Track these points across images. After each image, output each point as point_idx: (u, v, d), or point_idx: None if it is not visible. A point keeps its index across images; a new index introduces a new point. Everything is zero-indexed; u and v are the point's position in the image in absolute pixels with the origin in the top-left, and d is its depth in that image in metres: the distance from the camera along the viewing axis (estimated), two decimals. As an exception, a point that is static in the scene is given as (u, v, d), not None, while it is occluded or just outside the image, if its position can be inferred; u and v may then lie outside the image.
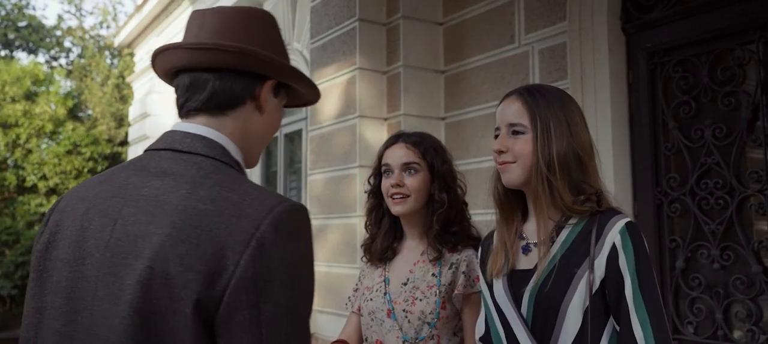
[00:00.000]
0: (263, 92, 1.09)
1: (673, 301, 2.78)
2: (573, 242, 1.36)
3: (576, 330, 1.31)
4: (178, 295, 0.89)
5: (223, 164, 1.03)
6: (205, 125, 1.06)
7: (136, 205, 0.96)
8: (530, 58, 3.37)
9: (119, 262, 0.93)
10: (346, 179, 4.00)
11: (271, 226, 0.91)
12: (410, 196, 1.83)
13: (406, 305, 1.81)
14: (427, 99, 3.89)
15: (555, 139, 1.37)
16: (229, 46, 1.04)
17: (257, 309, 0.88)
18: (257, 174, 6.63)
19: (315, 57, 4.39)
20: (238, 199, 0.94)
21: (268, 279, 0.89)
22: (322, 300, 4.20)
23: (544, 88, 1.47)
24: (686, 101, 2.78)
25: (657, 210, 2.86)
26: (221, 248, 0.90)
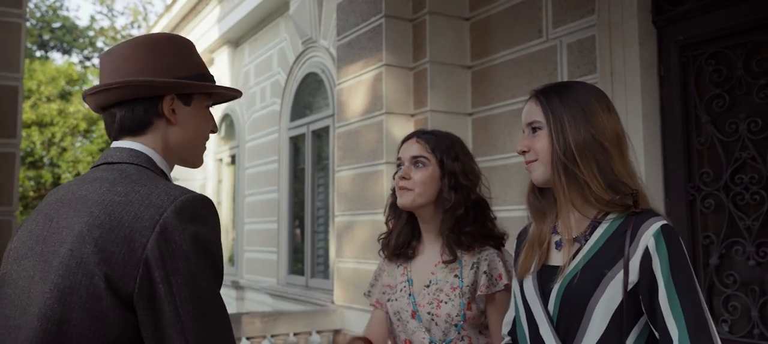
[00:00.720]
0: (164, 109, 1.25)
1: (707, 299, 2.72)
2: (606, 242, 1.34)
3: (601, 332, 1.29)
4: (92, 271, 1.06)
5: (145, 169, 1.21)
6: (131, 141, 1.26)
7: (69, 205, 1.15)
8: (558, 52, 3.33)
9: (49, 250, 1.12)
10: (373, 176, 4.01)
11: (173, 212, 1.08)
12: (414, 190, 1.82)
13: (431, 308, 1.80)
14: (453, 95, 3.87)
15: (569, 127, 1.36)
16: (112, 85, 1.22)
17: (169, 281, 1.06)
18: (286, 172, 6.68)
19: (341, 54, 4.40)
20: (147, 192, 1.12)
21: (173, 256, 1.07)
22: (349, 296, 4.22)
23: (561, 84, 1.47)
24: (720, 94, 2.72)
25: (690, 206, 2.80)
26: (130, 232, 1.07)
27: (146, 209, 1.08)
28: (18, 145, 2.80)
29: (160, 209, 1.08)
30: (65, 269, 1.07)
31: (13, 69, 2.78)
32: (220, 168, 8.73)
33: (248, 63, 7.77)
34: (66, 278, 1.07)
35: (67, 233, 1.10)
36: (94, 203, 1.11)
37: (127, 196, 1.11)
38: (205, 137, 1.35)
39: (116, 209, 1.09)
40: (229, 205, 8.50)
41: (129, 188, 1.12)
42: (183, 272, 1.06)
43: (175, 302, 1.06)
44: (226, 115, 8.47)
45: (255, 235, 7.36)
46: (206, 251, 1.11)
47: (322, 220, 6.05)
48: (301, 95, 6.52)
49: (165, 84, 1.24)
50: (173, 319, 1.06)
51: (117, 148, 1.25)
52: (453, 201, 1.81)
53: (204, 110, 1.33)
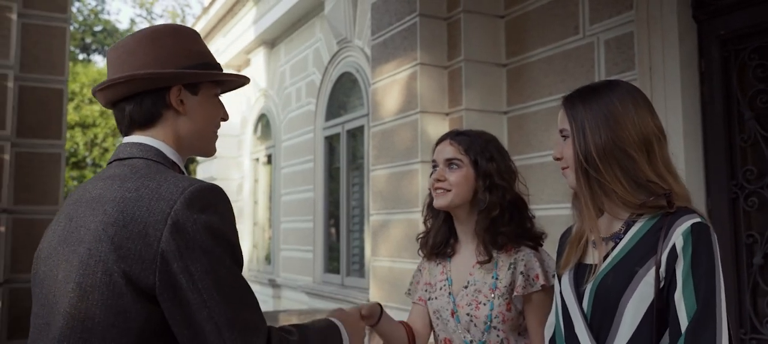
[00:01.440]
0: (172, 100, 1.26)
1: (751, 299, 2.66)
2: (639, 241, 1.32)
3: (632, 329, 1.28)
4: (111, 269, 1.09)
5: (155, 162, 1.22)
6: (141, 135, 1.27)
7: (86, 205, 1.17)
8: (595, 49, 3.28)
9: (70, 250, 1.14)
10: (408, 175, 4.01)
11: (183, 204, 1.10)
12: (451, 191, 1.83)
13: (470, 309, 1.81)
14: (488, 93, 3.85)
15: (591, 134, 1.36)
16: (118, 79, 1.23)
17: (189, 271, 1.08)
18: (321, 171, 6.73)
19: (376, 54, 4.42)
20: (156, 185, 1.13)
21: (189, 247, 1.08)
22: (385, 295, 4.23)
23: (589, 87, 1.46)
24: (764, 89, 2.65)
25: (732, 204, 2.74)
26: (144, 227, 1.09)
27: (157, 203, 1.10)
28: (63, 146, 2.89)
29: (170, 201, 1.10)
30: (85, 268, 1.11)
31: (58, 72, 2.87)
32: (257, 168, 8.84)
33: (284, 63, 7.85)
34: (86, 276, 1.10)
35: (85, 232, 1.13)
36: (107, 201, 1.13)
37: (137, 191, 1.13)
38: (215, 126, 1.36)
39: (128, 206, 1.11)
40: (266, 204, 8.60)
41: (139, 184, 1.14)
42: (201, 261, 1.08)
43: (198, 290, 1.08)
44: (263, 115, 8.58)
45: (291, 234, 7.44)
46: (220, 237, 1.12)
47: (357, 219, 6.08)
48: (336, 94, 6.56)
49: (170, 75, 1.25)
50: (200, 305, 1.08)
51: (127, 144, 1.26)
52: (488, 202, 1.81)
53: (213, 99, 1.34)
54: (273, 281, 7.70)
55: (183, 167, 1.30)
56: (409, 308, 2.06)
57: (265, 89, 8.39)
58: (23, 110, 2.82)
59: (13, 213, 2.99)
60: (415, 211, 3.91)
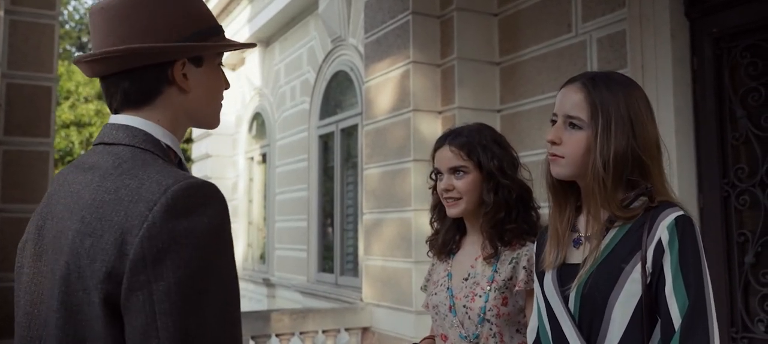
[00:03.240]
0: (176, 75, 1.10)
1: (742, 298, 2.65)
2: (623, 238, 1.31)
3: (623, 328, 1.26)
4: (88, 287, 0.94)
5: (142, 151, 1.05)
6: (131, 115, 1.10)
7: (64, 202, 1.03)
8: (588, 47, 3.27)
9: (53, 259, 1.00)
10: (400, 173, 4.00)
11: (163, 206, 0.93)
12: (462, 198, 1.81)
13: (466, 301, 1.80)
14: (481, 91, 3.84)
15: (615, 138, 1.29)
16: (114, 52, 1.05)
17: (150, 288, 0.90)
18: (315, 170, 6.72)
19: (369, 52, 4.40)
20: (137, 185, 0.97)
21: (158, 258, 0.90)
22: (377, 294, 4.22)
23: (611, 78, 1.37)
24: (755, 87, 2.64)
25: (724, 203, 2.73)
26: (121, 235, 0.93)
27: (136, 205, 0.94)
28: (52, 144, 2.86)
29: (150, 203, 0.94)
30: (67, 285, 0.97)
31: (47, 69, 2.84)
32: (252, 166, 8.82)
33: (279, 62, 7.83)
34: (69, 294, 0.97)
35: (64, 240, 0.99)
36: (84, 206, 0.99)
37: (116, 192, 0.97)
38: (220, 97, 1.21)
39: (106, 211, 0.96)
40: (261, 203, 8.58)
41: (119, 183, 0.98)
42: (168, 279, 0.90)
43: (153, 312, 0.90)
44: (257, 114, 8.55)
45: (285, 233, 7.42)
46: (204, 251, 0.94)
47: (351, 218, 6.07)
48: (331, 93, 6.54)
49: (175, 49, 1.09)
50: (146, 334, 0.90)
51: (114, 125, 1.09)
52: (493, 203, 1.79)
53: (216, 69, 1.18)
54: (267, 280, 7.68)
55: (179, 150, 1.15)
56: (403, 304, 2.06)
57: (260, 87, 8.36)
58: (11, 108, 2.80)
59: (1, 212, 2.97)
60: (408, 210, 3.90)
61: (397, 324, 3.91)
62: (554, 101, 1.42)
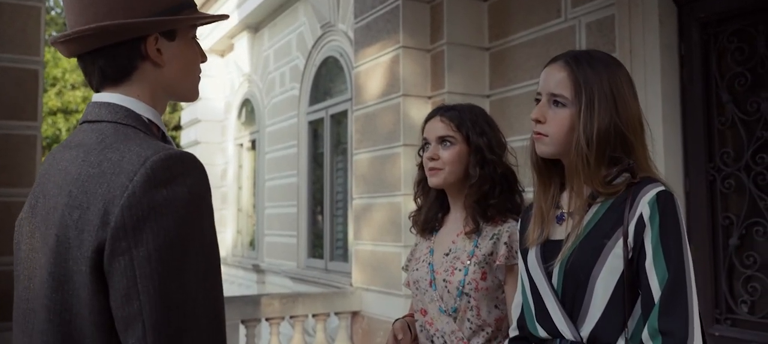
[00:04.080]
0: (149, 50, 1.12)
1: (727, 280, 2.69)
2: (606, 213, 1.32)
3: (605, 302, 1.28)
4: (76, 257, 0.98)
5: (124, 126, 1.09)
6: (112, 92, 1.13)
7: (53, 180, 1.07)
8: (577, 32, 3.28)
9: (47, 233, 1.04)
10: (390, 158, 4.01)
11: (143, 176, 0.97)
12: (445, 169, 1.83)
13: (446, 275, 1.83)
14: (471, 77, 3.85)
15: (598, 115, 1.30)
16: (85, 31, 1.07)
17: (130, 254, 0.94)
18: (305, 156, 6.71)
19: (359, 37, 4.39)
20: (118, 157, 1.00)
21: (138, 226, 0.94)
22: (367, 278, 4.24)
23: (594, 56, 1.38)
24: (742, 72, 2.66)
25: (710, 186, 2.76)
26: (104, 206, 0.97)
27: (117, 177, 0.98)
28: (39, 128, 2.85)
29: (130, 174, 0.97)
30: (56, 256, 1.01)
31: (33, 52, 2.82)
32: (241, 153, 8.79)
33: (268, 48, 7.80)
34: (58, 265, 1.01)
35: (54, 214, 1.03)
36: (71, 181, 1.03)
37: (99, 166, 1.01)
38: (197, 69, 1.23)
39: (91, 185, 1.00)
40: (250, 190, 8.57)
41: (102, 157, 1.02)
42: (148, 245, 0.94)
43: (134, 277, 0.94)
44: (247, 100, 8.52)
45: (275, 219, 7.42)
46: (183, 219, 0.97)
47: (341, 204, 6.07)
48: (320, 79, 6.53)
49: (145, 24, 1.10)
50: (128, 297, 0.95)
51: (96, 103, 1.13)
52: (478, 177, 1.82)
53: (191, 43, 1.20)
54: (257, 266, 7.68)
55: (161, 124, 1.18)
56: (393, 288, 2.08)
57: (249, 73, 8.33)
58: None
59: (-12, 196, 2.95)
60: (397, 194, 3.91)
61: (386, 308, 3.93)
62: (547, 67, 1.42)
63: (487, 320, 1.80)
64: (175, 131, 14.51)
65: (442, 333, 1.82)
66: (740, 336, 2.60)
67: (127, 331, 0.95)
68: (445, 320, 1.81)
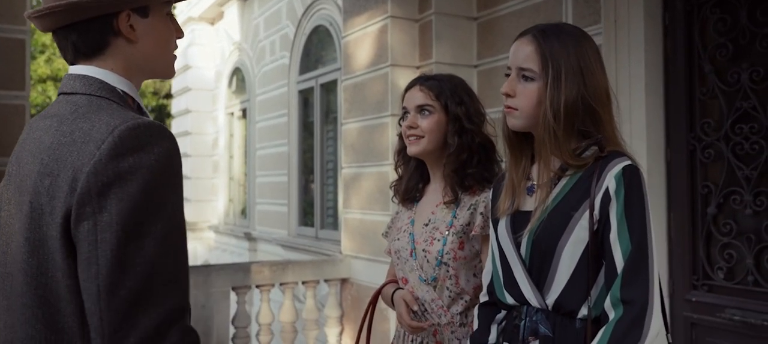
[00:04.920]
0: (121, 26, 1.13)
1: (704, 247, 2.75)
2: (574, 186, 1.36)
3: (570, 272, 1.33)
4: (48, 222, 1.02)
5: (97, 98, 1.11)
6: (87, 65, 1.15)
7: (28, 148, 1.10)
8: (563, 2, 3.30)
9: (22, 200, 1.07)
10: (379, 128, 4.04)
11: (110, 144, 0.99)
12: (424, 137, 1.87)
13: (425, 245, 1.87)
14: (459, 46, 3.86)
15: (565, 87, 1.33)
16: (56, 7, 1.09)
17: (94, 219, 0.97)
18: (295, 125, 6.72)
19: (347, 6, 4.39)
20: (89, 127, 1.03)
21: (103, 192, 0.97)
22: (356, 246, 4.30)
23: (562, 29, 1.41)
24: (724, 43, 2.70)
25: (690, 156, 2.81)
26: (74, 173, 1.00)
27: (86, 146, 1.01)
28: (27, 97, 2.86)
29: (99, 142, 1.00)
30: (30, 221, 1.04)
31: (20, 22, 2.82)
32: (232, 122, 8.79)
33: (258, 16, 7.75)
34: (33, 231, 1.04)
35: (28, 181, 1.06)
36: (44, 149, 1.06)
37: (71, 135, 1.04)
38: (172, 46, 1.24)
39: (62, 152, 1.03)
40: (241, 159, 8.59)
41: (74, 126, 1.05)
42: (111, 211, 0.97)
43: (95, 241, 0.97)
44: (237, 69, 8.49)
45: (266, 188, 7.46)
46: (149, 185, 1.00)
47: (331, 172, 6.11)
48: (310, 48, 6.51)
49: (116, 0, 1.10)
50: (89, 261, 0.98)
51: (71, 75, 1.15)
52: (456, 145, 1.85)
53: (164, 19, 1.20)
54: (249, 234, 7.74)
55: (137, 96, 1.20)
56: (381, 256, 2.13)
57: (239, 42, 8.28)
58: (-16, 61, 2.78)
59: (-22, 165, 2.97)
60: (385, 164, 3.95)
61: (374, 275, 4.00)
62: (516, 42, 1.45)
63: (465, 288, 1.86)
64: (166, 99, 14.43)
65: (423, 300, 1.87)
66: (716, 301, 2.68)
67: (86, 293, 0.98)
68: (425, 288, 1.87)
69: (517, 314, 1.42)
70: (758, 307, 2.53)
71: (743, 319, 2.55)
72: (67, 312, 1.02)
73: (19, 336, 1.06)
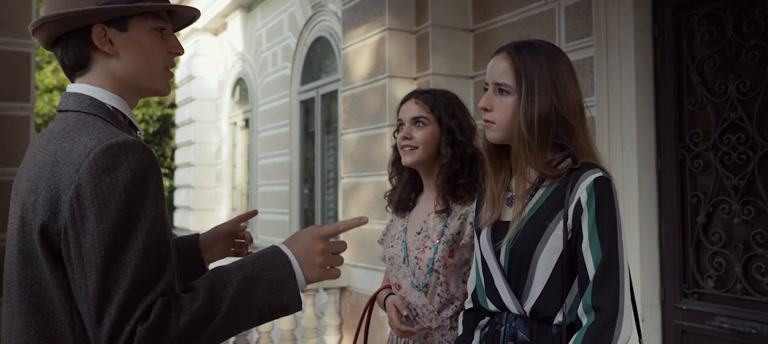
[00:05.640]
0: (96, 39, 1.16)
1: (694, 256, 2.80)
2: (549, 197, 1.42)
3: (545, 279, 1.39)
4: (33, 237, 1.08)
5: (86, 115, 1.14)
6: (80, 82, 1.20)
7: (26, 165, 1.15)
8: (556, 15, 3.36)
9: (14, 213, 1.14)
10: (377, 138, 4.10)
11: (87, 167, 1.04)
12: (418, 148, 1.94)
13: (417, 252, 1.94)
14: (455, 58, 3.93)
15: (538, 101, 1.39)
16: (36, 23, 1.14)
17: (78, 241, 1.03)
18: (297, 135, 6.79)
19: (346, 18, 4.46)
20: (70, 147, 1.07)
21: (83, 215, 1.02)
22: (354, 255, 4.35)
23: (535, 45, 1.47)
24: (711, 55, 2.75)
25: (680, 165, 2.86)
26: (56, 193, 1.05)
27: (66, 167, 1.05)
28: (32, 109, 2.93)
29: (77, 165, 1.04)
30: (23, 235, 1.10)
31: (25, 36, 2.90)
32: (235, 132, 8.87)
33: (260, 27, 7.84)
34: (25, 244, 1.10)
35: (21, 196, 1.12)
36: (33, 166, 1.11)
37: (55, 155, 1.08)
38: (159, 63, 1.23)
39: (44, 172, 1.08)
40: (244, 168, 8.66)
41: (58, 146, 1.09)
42: (92, 232, 1.02)
43: (82, 262, 1.02)
44: (240, 79, 8.58)
45: (269, 197, 7.53)
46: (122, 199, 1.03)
47: (331, 182, 6.18)
48: (311, 59, 6.59)
49: (78, 14, 1.12)
50: (79, 283, 1.03)
51: (67, 94, 1.19)
52: (449, 156, 1.93)
53: (149, 33, 1.20)
54: (251, 243, 7.80)
55: (128, 112, 1.22)
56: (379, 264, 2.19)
57: (242, 53, 8.38)
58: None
59: (-16, 175, 3.04)
60: (383, 173, 4.00)
61: (372, 283, 4.05)
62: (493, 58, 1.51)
63: (455, 294, 1.92)
64: (170, 108, 14.54)
65: (415, 306, 1.94)
66: (706, 310, 2.72)
67: (82, 311, 1.05)
68: (417, 294, 1.93)
69: (498, 320, 1.48)
70: (746, 315, 2.57)
71: (732, 327, 2.60)
72: (58, 319, 1.08)
73: (16, 341, 1.12)
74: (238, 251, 1.56)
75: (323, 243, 1.21)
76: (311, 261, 1.19)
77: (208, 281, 1.09)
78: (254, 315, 1.11)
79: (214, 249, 1.51)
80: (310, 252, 1.19)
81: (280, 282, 1.14)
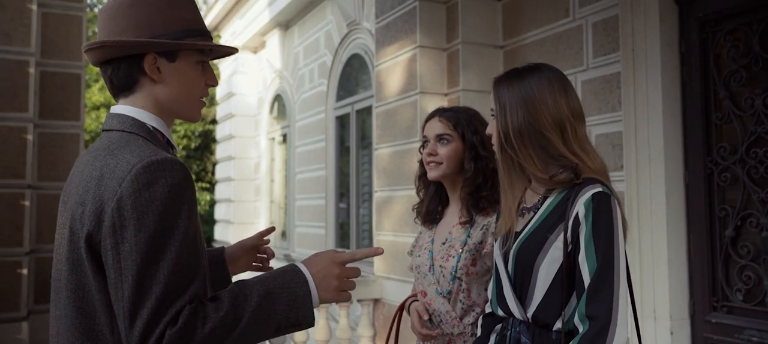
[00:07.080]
0: (147, 67, 1.28)
1: (723, 269, 2.81)
2: (552, 210, 1.51)
3: (546, 287, 1.48)
4: (79, 245, 1.18)
5: (129, 134, 1.26)
6: (123, 104, 1.31)
7: (74, 179, 1.26)
8: (584, 31, 3.41)
9: (64, 223, 1.24)
10: (409, 153, 4.19)
11: (129, 182, 1.14)
12: (443, 163, 2.04)
13: (442, 261, 2.04)
14: (485, 74, 4.00)
15: (510, 117, 1.51)
16: (93, 45, 1.25)
17: (117, 248, 1.13)
18: (332, 150, 6.94)
19: (379, 36, 4.58)
20: (114, 163, 1.18)
21: (123, 225, 1.12)
22: (387, 267, 4.44)
23: (520, 71, 1.60)
24: (737, 69, 2.77)
25: (708, 179, 2.88)
26: (101, 205, 1.15)
27: (111, 181, 1.15)
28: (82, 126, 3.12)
29: (121, 179, 1.14)
30: (70, 244, 1.20)
31: (76, 58, 3.09)
32: (273, 147, 9.07)
33: (298, 45, 8.04)
34: (72, 251, 1.20)
35: (69, 208, 1.22)
36: (81, 181, 1.21)
37: (101, 170, 1.18)
38: (197, 93, 1.36)
39: (91, 185, 1.18)
40: (282, 182, 8.85)
41: (103, 162, 1.19)
42: (130, 241, 1.11)
43: (119, 268, 1.12)
44: (278, 95, 8.79)
45: (305, 211, 7.68)
46: (159, 212, 1.12)
47: (366, 195, 6.29)
48: (346, 75, 6.74)
49: (140, 44, 1.24)
50: (116, 287, 1.12)
51: (111, 114, 1.31)
52: (472, 171, 2.03)
53: (193, 66, 1.33)
54: (288, 256, 7.96)
55: (167, 132, 1.33)
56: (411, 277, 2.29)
57: (280, 70, 8.59)
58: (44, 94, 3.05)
59: (37, 189, 3.24)
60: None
61: (405, 295, 4.11)
62: None
63: (476, 301, 2.00)
64: (211, 124, 14.91)
65: (439, 312, 2.03)
66: (735, 323, 2.72)
67: (117, 313, 1.14)
68: (441, 301, 2.02)
69: (506, 325, 1.58)
70: (776, 328, 2.57)
71: (761, 340, 2.59)
72: (100, 322, 1.19)
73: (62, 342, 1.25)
74: (260, 266, 1.67)
75: (340, 268, 1.30)
76: (327, 284, 1.28)
77: (232, 293, 1.19)
78: (272, 327, 1.21)
79: (239, 262, 1.63)
80: (327, 276, 1.28)
81: (296, 300, 1.23)
